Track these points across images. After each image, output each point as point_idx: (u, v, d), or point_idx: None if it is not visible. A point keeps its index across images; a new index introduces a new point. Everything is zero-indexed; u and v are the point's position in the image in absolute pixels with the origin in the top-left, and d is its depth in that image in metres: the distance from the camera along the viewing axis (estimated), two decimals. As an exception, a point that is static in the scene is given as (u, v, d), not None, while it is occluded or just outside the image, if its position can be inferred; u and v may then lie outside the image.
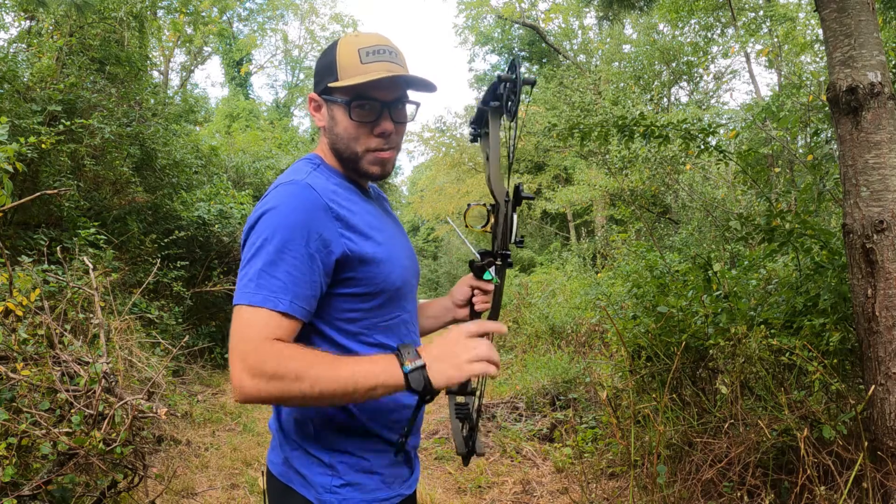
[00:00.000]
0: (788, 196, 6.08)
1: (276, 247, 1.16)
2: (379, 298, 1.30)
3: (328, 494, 1.26)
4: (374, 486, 1.31)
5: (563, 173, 18.61)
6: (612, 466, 4.07)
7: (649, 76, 17.54)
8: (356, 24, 29.12)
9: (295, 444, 1.31)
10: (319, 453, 1.29)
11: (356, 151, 1.32)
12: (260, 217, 1.20)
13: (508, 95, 1.28)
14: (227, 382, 7.47)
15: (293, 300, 1.16)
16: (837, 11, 2.84)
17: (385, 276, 1.30)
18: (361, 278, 1.27)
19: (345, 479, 1.28)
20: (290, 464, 1.31)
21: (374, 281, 1.29)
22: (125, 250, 7.08)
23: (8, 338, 3.51)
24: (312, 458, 1.29)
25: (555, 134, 5.14)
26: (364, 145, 1.32)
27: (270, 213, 1.19)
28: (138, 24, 8.85)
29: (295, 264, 1.16)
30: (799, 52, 13.06)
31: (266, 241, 1.16)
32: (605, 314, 6.30)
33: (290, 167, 1.36)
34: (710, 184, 9.70)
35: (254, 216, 1.22)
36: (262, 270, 1.15)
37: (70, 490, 3.01)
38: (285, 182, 1.25)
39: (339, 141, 1.33)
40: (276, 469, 1.34)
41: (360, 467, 1.29)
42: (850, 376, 3.30)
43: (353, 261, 1.24)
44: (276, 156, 12.75)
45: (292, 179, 1.25)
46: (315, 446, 1.29)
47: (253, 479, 4.28)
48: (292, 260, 1.16)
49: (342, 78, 1.28)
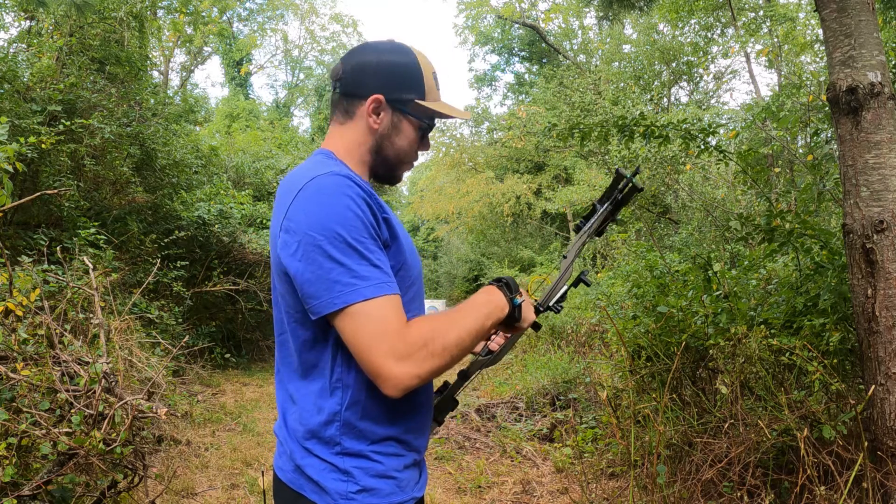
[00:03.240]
0: (788, 196, 6.08)
1: (354, 238, 1.15)
2: (409, 292, 1.32)
3: (344, 501, 1.24)
4: (389, 491, 1.29)
5: (563, 173, 18.61)
6: (612, 466, 4.07)
7: (649, 76, 17.55)
8: (356, 24, 29.12)
9: (306, 451, 1.29)
10: (333, 459, 1.26)
11: (403, 161, 1.41)
12: (315, 211, 1.17)
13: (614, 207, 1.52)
14: (227, 382, 7.48)
15: (391, 280, 1.18)
16: (837, 11, 2.84)
17: (411, 267, 1.33)
18: (398, 269, 1.28)
19: (360, 485, 1.26)
20: (302, 471, 1.28)
21: (409, 273, 1.32)
22: (125, 250, 7.08)
23: (8, 338, 3.51)
24: (326, 465, 1.26)
25: (555, 134, 5.14)
26: (410, 158, 1.42)
27: (329, 206, 1.17)
28: (138, 24, 8.85)
29: (372, 249, 1.17)
30: (799, 52, 13.06)
31: (338, 235, 1.15)
32: (605, 314, 6.30)
33: (313, 160, 1.33)
34: (710, 184, 9.71)
35: (306, 210, 1.18)
36: (354, 264, 1.14)
37: (70, 490, 3.01)
38: (326, 174, 1.22)
39: (393, 149, 1.38)
40: (286, 476, 1.32)
41: (375, 472, 1.28)
42: (850, 376, 3.30)
43: (391, 252, 1.26)
44: (276, 156, 12.74)
45: (332, 171, 1.23)
46: (329, 452, 1.27)
47: (253, 479, 4.28)
48: (370, 246, 1.17)
49: (429, 100, 1.36)
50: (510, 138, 17.43)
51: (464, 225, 19.69)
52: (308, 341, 1.25)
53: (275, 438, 5.41)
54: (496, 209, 18.21)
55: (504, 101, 29.30)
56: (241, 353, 9.03)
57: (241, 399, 6.76)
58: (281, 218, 1.23)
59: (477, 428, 5.51)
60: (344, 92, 1.36)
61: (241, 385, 7.51)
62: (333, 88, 1.40)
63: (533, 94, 20.98)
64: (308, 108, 29.93)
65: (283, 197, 1.27)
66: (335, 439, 1.26)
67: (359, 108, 1.35)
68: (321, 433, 1.27)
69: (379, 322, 1.13)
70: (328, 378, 1.25)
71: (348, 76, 1.35)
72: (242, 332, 9.20)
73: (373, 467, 1.27)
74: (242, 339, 9.26)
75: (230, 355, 8.55)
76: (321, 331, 1.23)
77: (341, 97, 1.37)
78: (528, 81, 24.10)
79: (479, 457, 4.81)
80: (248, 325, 9.19)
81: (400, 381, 1.13)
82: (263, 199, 11.09)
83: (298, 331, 1.26)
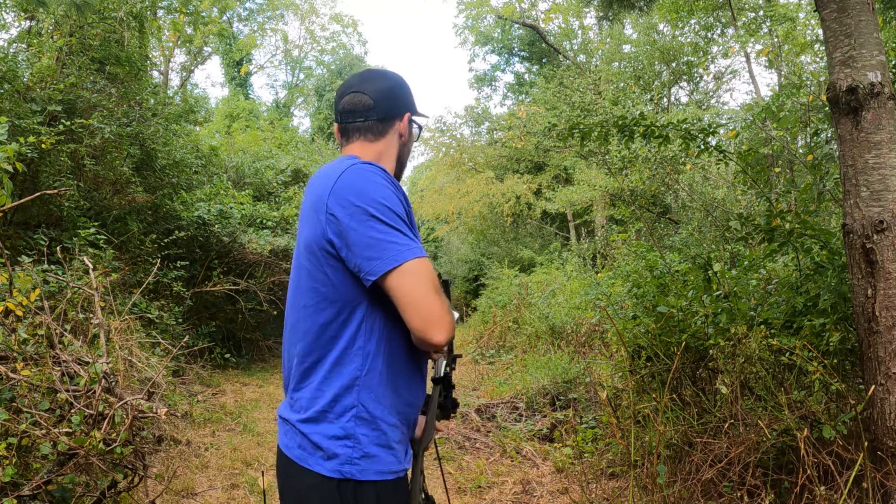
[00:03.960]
0: (788, 196, 6.07)
1: (395, 211, 1.36)
2: None
3: (348, 466, 1.36)
4: (389, 460, 1.41)
5: (563, 173, 18.59)
6: (612, 466, 4.07)
7: (649, 76, 17.54)
8: (356, 24, 29.11)
9: (316, 421, 1.39)
10: (345, 424, 1.38)
11: (407, 162, 1.68)
12: (362, 188, 1.36)
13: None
14: (227, 382, 7.48)
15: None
16: (837, 11, 2.84)
17: None
18: None
19: (365, 451, 1.38)
20: (309, 440, 1.39)
21: None
22: (125, 250, 7.08)
23: (8, 338, 3.51)
24: (335, 431, 1.38)
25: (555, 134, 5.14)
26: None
27: (372, 184, 1.37)
28: (138, 24, 8.84)
29: (406, 223, 1.39)
30: (799, 52, 13.05)
31: (385, 206, 1.35)
32: (605, 314, 6.30)
33: (344, 158, 1.49)
34: (710, 184, 9.70)
35: (353, 188, 1.36)
36: (403, 230, 1.35)
37: (70, 490, 3.01)
38: (362, 163, 1.42)
39: (407, 153, 1.66)
40: (293, 453, 1.43)
41: (379, 441, 1.40)
42: (850, 376, 3.30)
43: None
44: (276, 156, 12.73)
45: (367, 161, 1.45)
46: (341, 419, 1.38)
47: (253, 479, 4.28)
48: (406, 220, 1.40)
49: (419, 111, 1.65)
50: (510, 138, 17.42)
51: (464, 225, 19.66)
52: (333, 314, 1.39)
53: (275, 438, 5.43)
54: (496, 209, 18.20)
55: (504, 102, 29.29)
56: (241, 353, 9.03)
57: (241, 399, 6.76)
58: (323, 199, 1.38)
59: (477, 428, 5.51)
60: (380, 118, 1.56)
61: (241, 385, 7.51)
62: (364, 119, 1.56)
63: (533, 94, 20.94)
64: (308, 108, 29.92)
65: (319, 184, 1.43)
66: (352, 404, 1.39)
67: (392, 127, 1.58)
68: (338, 400, 1.39)
69: (430, 278, 1.33)
70: (350, 346, 1.38)
71: (381, 103, 1.56)
72: (242, 332, 9.20)
73: (378, 436, 1.40)
74: (242, 339, 9.26)
75: (230, 355, 8.55)
76: (348, 301, 1.38)
77: (375, 122, 1.56)
78: (528, 81, 24.08)
79: (479, 457, 4.81)
80: (248, 325, 9.19)
81: (452, 327, 1.35)
82: (263, 199, 11.08)
83: (323, 304, 1.40)
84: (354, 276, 1.37)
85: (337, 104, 1.60)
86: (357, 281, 1.37)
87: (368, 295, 1.38)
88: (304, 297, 1.43)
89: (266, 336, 9.87)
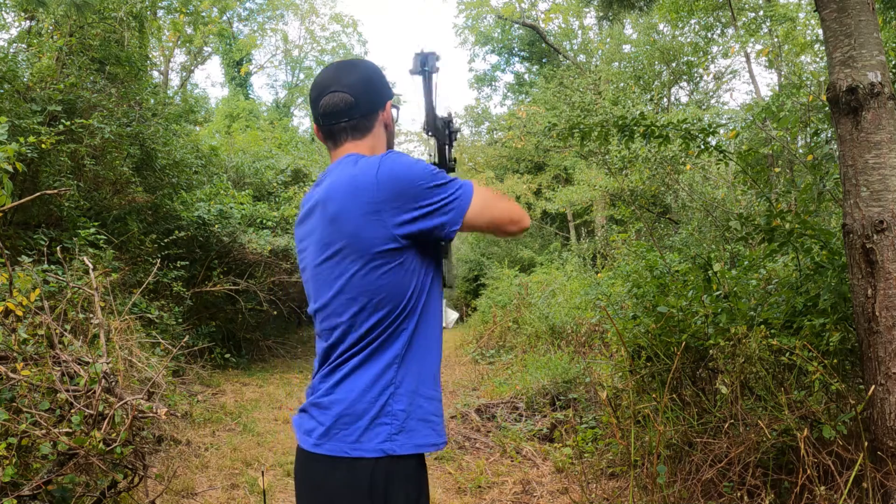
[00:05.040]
0: (788, 196, 6.07)
1: (436, 171, 1.45)
2: (436, 278, 1.57)
3: (388, 443, 1.37)
4: (427, 433, 1.43)
5: (563, 173, 18.59)
6: (612, 466, 4.07)
7: (649, 76, 17.54)
8: (356, 24, 29.10)
9: (346, 403, 1.39)
10: (386, 401, 1.39)
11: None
12: (406, 169, 1.42)
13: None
14: (227, 382, 7.48)
15: None
16: (837, 11, 2.84)
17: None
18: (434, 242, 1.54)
19: (403, 426, 1.39)
20: (338, 427, 1.39)
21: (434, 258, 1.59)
22: (125, 250, 7.08)
23: (8, 338, 3.51)
24: (370, 412, 1.39)
25: (555, 134, 5.14)
26: None
27: (412, 163, 1.44)
28: (138, 24, 8.84)
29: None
30: (799, 52, 13.05)
31: (432, 172, 1.43)
32: (605, 314, 6.30)
33: (352, 157, 1.51)
34: (710, 184, 9.70)
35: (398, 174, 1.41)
36: (448, 178, 1.46)
37: (70, 490, 3.01)
38: (385, 153, 1.47)
39: (393, 137, 1.66)
40: (316, 441, 1.41)
41: (418, 415, 1.42)
42: (850, 376, 3.30)
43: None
44: (276, 156, 12.73)
45: (386, 151, 1.52)
46: (382, 395, 1.39)
47: (253, 479, 4.28)
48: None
49: (392, 92, 1.63)
50: (510, 138, 17.42)
51: (464, 225, 19.64)
52: (376, 298, 1.40)
53: (275, 438, 5.43)
54: (496, 209, 18.16)
55: (504, 101, 29.28)
56: (241, 353, 9.03)
57: (241, 399, 6.76)
58: (364, 199, 1.39)
59: (477, 428, 5.51)
60: (364, 114, 1.53)
61: (241, 385, 7.51)
62: (349, 118, 1.52)
63: (533, 94, 20.94)
64: (308, 108, 29.86)
65: (339, 195, 1.43)
66: (394, 380, 1.40)
67: (377, 119, 1.57)
68: (381, 377, 1.40)
69: (497, 195, 1.50)
70: (394, 324, 1.41)
71: (362, 99, 1.53)
72: (242, 332, 9.20)
73: (414, 411, 1.41)
74: (242, 339, 9.26)
75: (230, 355, 8.55)
76: (394, 279, 1.40)
77: (360, 119, 1.53)
78: (528, 81, 24.07)
79: (479, 457, 4.81)
80: (248, 325, 9.19)
81: (525, 215, 1.54)
82: (263, 199, 11.08)
83: (369, 290, 1.41)
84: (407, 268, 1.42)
85: (315, 106, 1.54)
86: (409, 274, 1.43)
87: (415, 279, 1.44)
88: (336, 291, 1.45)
89: (266, 336, 9.87)
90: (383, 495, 1.36)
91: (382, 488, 1.36)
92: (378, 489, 1.36)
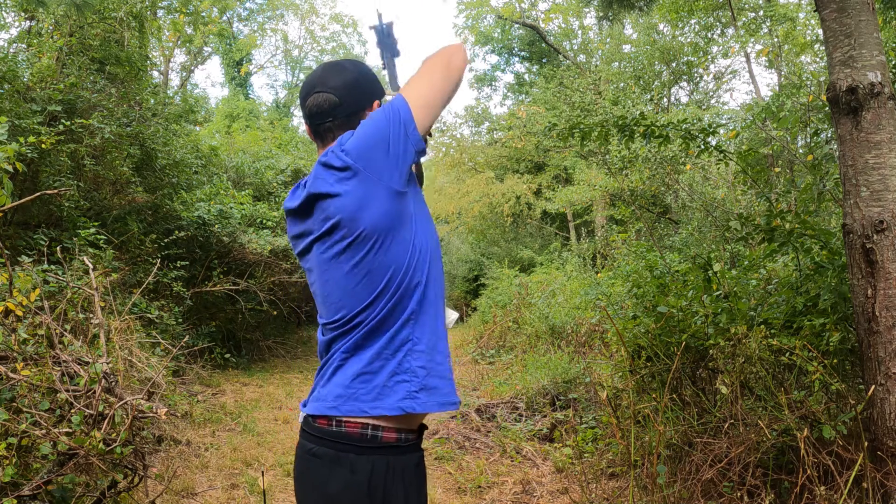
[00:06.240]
0: (788, 196, 6.08)
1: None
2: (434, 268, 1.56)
3: (408, 401, 1.37)
4: (447, 391, 1.44)
5: (563, 173, 18.59)
6: (612, 466, 4.07)
7: (649, 76, 17.53)
8: (356, 24, 29.10)
9: (368, 363, 1.39)
10: (402, 359, 1.39)
11: None
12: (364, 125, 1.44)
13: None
14: (227, 382, 7.48)
15: None
16: (837, 11, 2.84)
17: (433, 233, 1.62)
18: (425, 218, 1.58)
19: (423, 384, 1.39)
20: (354, 386, 1.38)
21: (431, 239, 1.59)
22: (125, 250, 7.08)
23: (8, 338, 3.51)
24: (388, 370, 1.38)
25: (555, 134, 5.14)
26: None
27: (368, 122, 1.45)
28: (138, 24, 8.83)
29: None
30: (799, 52, 13.05)
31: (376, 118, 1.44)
32: (605, 314, 6.30)
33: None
34: (710, 184, 9.70)
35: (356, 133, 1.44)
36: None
37: (70, 490, 3.01)
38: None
39: None
40: (341, 409, 1.39)
41: (436, 373, 1.42)
42: (850, 376, 3.30)
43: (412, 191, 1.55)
44: (276, 156, 12.72)
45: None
46: (398, 355, 1.39)
47: (253, 479, 4.28)
48: None
49: (385, 90, 1.62)
50: (510, 138, 17.41)
51: (464, 225, 19.66)
52: (382, 259, 1.39)
53: (275, 438, 5.42)
54: (496, 209, 18.18)
55: (504, 101, 29.30)
56: (241, 353, 9.03)
57: (241, 399, 6.76)
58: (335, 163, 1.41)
59: (477, 428, 5.51)
60: (348, 114, 1.53)
61: (241, 385, 7.51)
62: (333, 118, 1.52)
63: (533, 94, 20.93)
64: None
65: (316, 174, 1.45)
66: (408, 337, 1.40)
67: (363, 117, 1.53)
68: (395, 336, 1.39)
69: (421, 77, 1.51)
70: (403, 284, 1.40)
71: (347, 99, 1.53)
72: (242, 332, 9.20)
73: (434, 368, 1.42)
74: (242, 339, 9.26)
75: (230, 355, 8.54)
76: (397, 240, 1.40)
77: (345, 119, 1.52)
78: (528, 81, 24.06)
79: (479, 457, 4.81)
80: (248, 325, 9.18)
81: (461, 51, 1.55)
82: (263, 199, 11.07)
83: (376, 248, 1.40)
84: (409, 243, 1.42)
85: (303, 106, 1.56)
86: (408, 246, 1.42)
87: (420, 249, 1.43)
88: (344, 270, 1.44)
89: (266, 336, 9.87)
90: (382, 495, 1.37)
91: (382, 488, 1.37)
92: (377, 489, 1.36)
